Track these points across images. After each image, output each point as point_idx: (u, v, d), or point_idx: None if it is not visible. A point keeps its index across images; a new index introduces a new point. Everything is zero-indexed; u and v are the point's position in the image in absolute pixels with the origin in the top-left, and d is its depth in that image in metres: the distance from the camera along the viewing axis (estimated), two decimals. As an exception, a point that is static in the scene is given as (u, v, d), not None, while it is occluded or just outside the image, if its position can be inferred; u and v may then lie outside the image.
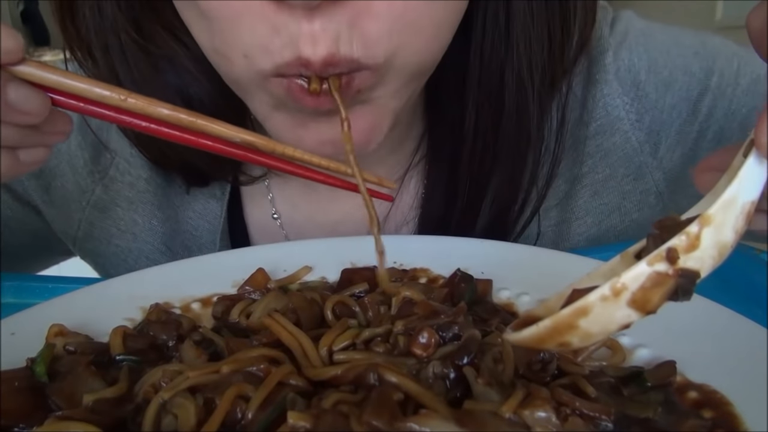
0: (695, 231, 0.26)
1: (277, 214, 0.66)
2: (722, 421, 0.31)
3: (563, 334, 0.27)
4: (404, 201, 0.64)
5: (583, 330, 0.27)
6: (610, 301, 0.26)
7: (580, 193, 0.63)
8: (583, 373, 0.35)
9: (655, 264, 0.26)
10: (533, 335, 0.28)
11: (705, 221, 0.26)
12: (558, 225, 0.64)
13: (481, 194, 0.59)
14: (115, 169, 0.65)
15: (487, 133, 0.56)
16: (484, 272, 0.48)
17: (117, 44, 0.53)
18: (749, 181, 0.26)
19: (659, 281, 0.26)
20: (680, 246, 0.26)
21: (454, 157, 0.59)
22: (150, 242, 0.66)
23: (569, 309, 0.27)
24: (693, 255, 0.26)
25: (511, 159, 0.57)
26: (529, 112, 0.54)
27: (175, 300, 0.47)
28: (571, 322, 0.27)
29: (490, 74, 0.53)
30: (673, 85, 0.60)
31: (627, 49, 0.61)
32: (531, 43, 0.52)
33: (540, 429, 0.29)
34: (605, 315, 0.26)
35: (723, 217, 0.26)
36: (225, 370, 0.34)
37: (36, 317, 0.43)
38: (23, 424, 0.33)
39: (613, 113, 0.61)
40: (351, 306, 0.43)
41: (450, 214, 0.60)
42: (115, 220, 0.66)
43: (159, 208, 0.65)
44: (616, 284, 0.26)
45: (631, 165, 0.62)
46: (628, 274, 0.26)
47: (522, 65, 0.52)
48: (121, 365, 0.38)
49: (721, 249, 0.26)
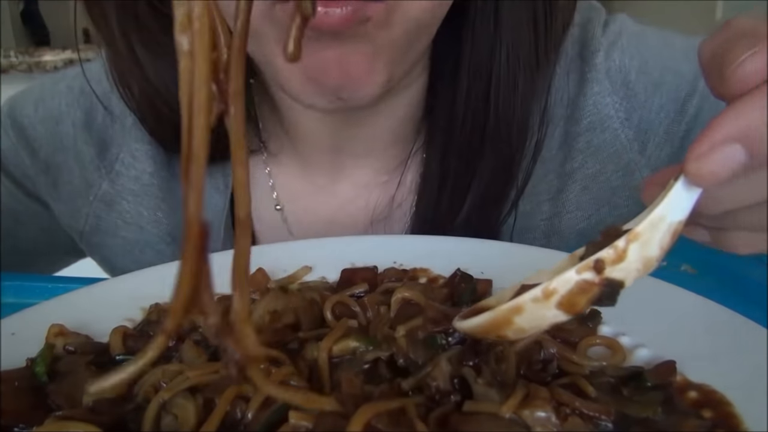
0: (622, 245, 0.28)
1: (280, 205, 0.67)
2: (722, 421, 0.31)
3: (501, 328, 0.30)
4: (402, 189, 0.65)
5: (518, 325, 0.30)
6: (541, 303, 0.29)
7: (571, 187, 0.64)
8: (583, 373, 0.35)
9: (583, 272, 0.28)
10: (476, 326, 0.31)
11: (632, 237, 0.29)
12: (550, 219, 0.65)
13: (471, 173, 0.60)
14: (121, 163, 0.67)
15: (478, 110, 0.58)
16: (484, 272, 0.48)
17: (131, 7, 0.55)
18: (677, 203, 0.29)
19: (585, 288, 0.28)
20: (607, 258, 0.28)
21: (448, 140, 0.60)
22: (155, 234, 0.68)
23: (506, 306, 0.30)
24: (619, 267, 0.28)
25: (500, 135, 0.58)
26: (516, 88, 0.57)
27: (175, 300, 0.47)
28: (507, 317, 0.30)
29: (481, 51, 0.56)
30: (662, 86, 0.62)
31: (619, 50, 0.62)
32: (518, 23, 0.55)
33: (540, 429, 0.29)
34: (537, 314, 0.29)
35: (650, 234, 0.29)
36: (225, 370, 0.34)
37: (36, 317, 0.43)
38: (23, 424, 0.33)
39: (603, 111, 0.62)
40: (351, 306, 0.43)
41: (442, 197, 0.62)
42: (122, 213, 0.68)
43: (164, 201, 0.67)
44: (547, 287, 0.29)
45: (620, 162, 0.63)
46: (558, 279, 0.29)
47: (509, 43, 0.55)
48: (121, 365, 0.38)
49: (646, 262, 0.29)
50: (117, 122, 0.66)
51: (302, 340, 0.40)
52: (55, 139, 0.68)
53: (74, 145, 0.68)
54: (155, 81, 0.58)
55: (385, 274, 0.49)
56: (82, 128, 0.67)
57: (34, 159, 0.69)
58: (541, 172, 0.63)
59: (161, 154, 0.66)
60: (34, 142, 0.69)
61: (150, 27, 0.56)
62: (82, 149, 0.67)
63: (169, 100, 0.59)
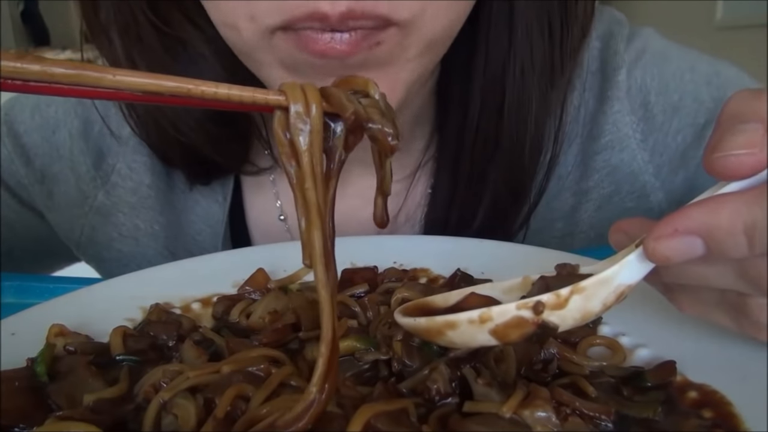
0: (565, 294, 0.30)
1: (284, 215, 0.66)
2: (722, 420, 0.31)
3: (432, 336, 0.32)
4: (411, 200, 0.64)
5: (448, 339, 0.31)
6: (475, 325, 0.30)
7: (585, 206, 0.63)
8: (584, 373, 0.35)
9: (522, 309, 0.30)
10: (410, 326, 0.33)
11: (577, 290, 0.30)
12: (562, 237, 0.64)
13: (482, 187, 0.59)
14: (117, 174, 0.65)
15: (490, 121, 0.57)
16: (484, 272, 0.48)
17: (134, 26, 0.54)
18: (629, 269, 0.30)
19: (520, 324, 0.30)
20: (548, 302, 0.30)
21: (459, 151, 0.59)
22: (152, 247, 0.66)
23: (442, 319, 0.31)
24: (557, 312, 0.30)
25: (513, 149, 0.57)
26: (530, 102, 0.56)
27: (176, 300, 0.47)
28: (440, 329, 0.31)
29: (494, 63, 0.55)
30: (681, 110, 0.61)
31: (641, 69, 0.61)
32: (532, 34, 0.54)
33: (540, 429, 0.29)
34: (468, 334, 0.31)
35: (594, 291, 0.30)
36: (225, 370, 0.34)
37: (36, 317, 0.43)
38: (23, 424, 0.33)
39: (623, 130, 0.61)
40: (351, 306, 0.43)
41: (452, 210, 0.61)
42: (117, 226, 0.66)
43: (161, 214, 0.66)
44: (485, 313, 0.30)
45: (636, 183, 0.63)
46: (497, 308, 0.30)
47: (524, 55, 0.54)
48: (122, 365, 0.38)
49: (585, 314, 0.30)
50: (115, 132, 0.65)
51: (302, 340, 0.40)
52: (51, 148, 0.67)
53: (70, 155, 0.66)
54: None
55: (385, 274, 0.49)
56: (78, 137, 0.66)
57: (30, 168, 0.68)
58: (556, 189, 0.62)
59: (159, 165, 0.65)
60: (29, 150, 0.67)
61: (154, 48, 0.55)
62: (78, 159, 0.66)
63: (175, 121, 0.57)
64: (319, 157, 0.28)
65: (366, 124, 0.28)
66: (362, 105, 0.28)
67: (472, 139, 0.58)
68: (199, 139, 0.58)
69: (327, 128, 0.28)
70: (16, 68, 0.23)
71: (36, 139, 0.67)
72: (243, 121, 0.60)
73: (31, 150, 0.68)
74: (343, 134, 0.29)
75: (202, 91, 0.26)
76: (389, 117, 0.29)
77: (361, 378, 0.36)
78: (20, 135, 0.68)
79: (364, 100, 0.29)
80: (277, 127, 0.28)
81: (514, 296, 0.35)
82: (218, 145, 0.59)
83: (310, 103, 0.27)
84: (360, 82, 0.30)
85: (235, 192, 0.66)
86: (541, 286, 0.33)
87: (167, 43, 0.55)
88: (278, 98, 0.27)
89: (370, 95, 0.29)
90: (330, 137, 0.29)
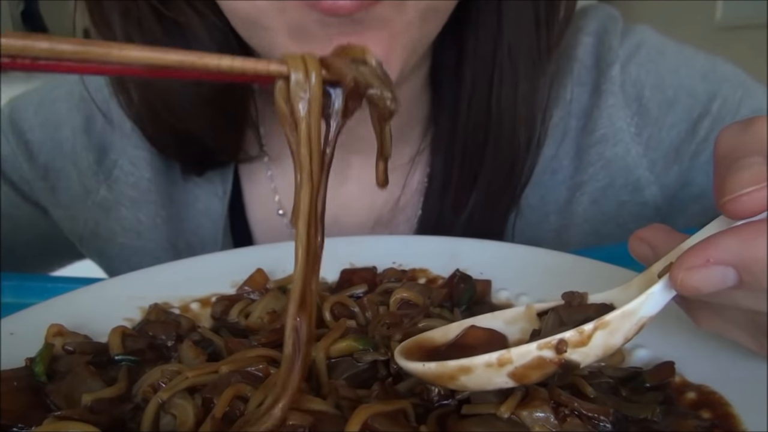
0: (589, 330, 0.28)
1: (282, 210, 0.67)
2: (720, 421, 0.31)
3: (444, 381, 0.30)
4: (408, 189, 0.65)
5: (462, 383, 0.29)
6: (493, 369, 0.29)
7: (580, 200, 0.64)
8: (582, 374, 0.35)
9: (544, 350, 0.28)
10: (418, 372, 0.30)
11: (601, 325, 0.28)
12: (557, 230, 0.65)
13: (477, 169, 0.60)
14: (119, 169, 0.67)
15: (481, 104, 0.58)
16: (484, 272, 0.48)
17: (134, 10, 0.55)
18: (653, 301, 0.29)
19: (542, 365, 0.28)
20: (571, 340, 0.28)
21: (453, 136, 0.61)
22: (154, 240, 0.67)
23: (456, 364, 0.29)
24: (580, 350, 0.28)
25: (504, 131, 0.58)
26: (518, 84, 0.57)
27: (174, 300, 0.47)
28: (453, 374, 0.29)
29: (484, 46, 0.57)
30: (675, 105, 0.62)
31: (636, 64, 0.62)
32: (520, 17, 0.56)
33: (539, 429, 0.29)
34: (485, 377, 0.29)
35: (618, 324, 0.29)
36: (224, 370, 0.34)
37: (35, 317, 0.43)
38: (22, 423, 0.33)
39: (617, 124, 0.62)
40: (350, 306, 0.43)
41: (448, 193, 0.62)
42: (120, 220, 0.67)
43: (162, 207, 0.67)
44: (504, 355, 0.28)
45: (630, 176, 0.63)
46: (517, 350, 0.28)
47: (512, 37, 0.56)
48: (120, 365, 0.38)
49: (607, 349, 0.29)
50: (116, 128, 0.66)
51: (301, 340, 0.40)
52: (54, 144, 0.68)
53: (73, 151, 0.67)
54: (156, 83, 0.58)
55: (384, 275, 0.49)
56: (81, 134, 0.67)
57: (33, 164, 0.69)
58: (551, 183, 0.63)
59: (160, 160, 0.66)
60: (32, 146, 0.69)
61: (153, 30, 0.56)
62: (81, 155, 0.67)
63: (170, 103, 0.58)
64: (317, 124, 0.28)
65: (365, 89, 0.29)
66: (361, 72, 0.29)
67: (464, 122, 0.59)
68: (193, 123, 0.59)
69: (327, 96, 0.28)
70: (26, 46, 0.23)
71: (39, 136, 0.69)
72: (238, 106, 0.61)
73: (34, 146, 0.69)
74: (342, 101, 0.29)
75: (205, 63, 0.26)
76: (387, 82, 0.29)
77: (359, 378, 0.36)
78: (24, 132, 0.69)
79: (362, 68, 0.29)
80: (278, 96, 0.28)
81: (517, 327, 0.34)
82: (212, 131, 0.60)
83: (309, 72, 0.28)
84: (358, 51, 0.30)
85: (234, 187, 0.67)
86: (554, 320, 0.32)
87: (166, 26, 0.56)
88: (279, 68, 0.28)
89: (368, 63, 0.29)
90: (330, 104, 0.29)
